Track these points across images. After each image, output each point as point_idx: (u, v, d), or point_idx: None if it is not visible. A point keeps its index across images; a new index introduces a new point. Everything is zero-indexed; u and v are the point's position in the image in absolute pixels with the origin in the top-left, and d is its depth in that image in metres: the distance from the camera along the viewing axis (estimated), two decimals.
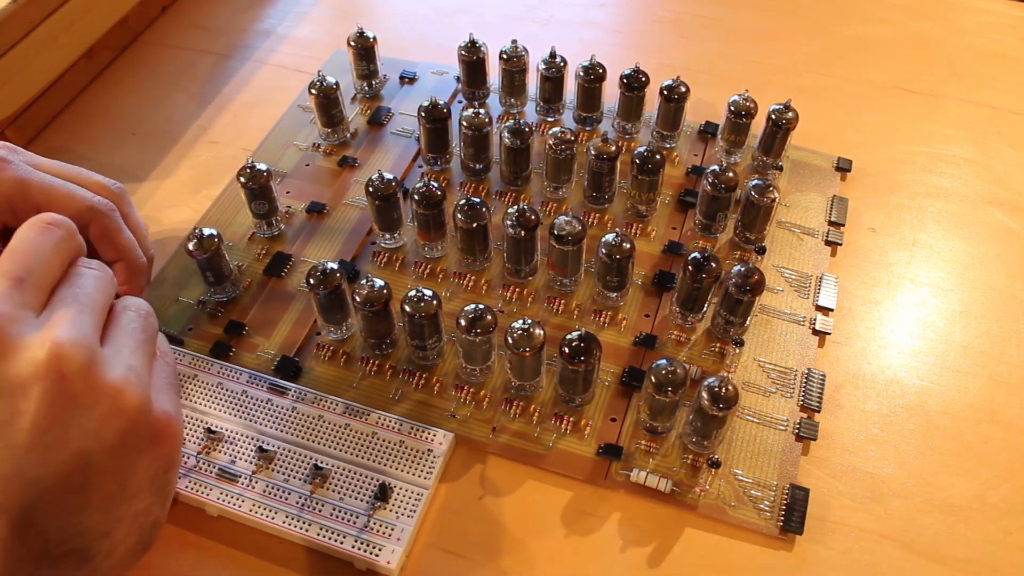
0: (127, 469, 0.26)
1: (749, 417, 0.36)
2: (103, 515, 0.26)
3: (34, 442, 0.24)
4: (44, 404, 0.24)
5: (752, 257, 0.41)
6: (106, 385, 0.25)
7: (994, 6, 0.57)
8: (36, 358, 0.24)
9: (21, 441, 0.24)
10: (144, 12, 0.56)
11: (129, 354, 0.27)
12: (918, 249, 0.43)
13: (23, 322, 0.25)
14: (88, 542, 0.25)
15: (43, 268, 0.27)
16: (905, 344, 0.39)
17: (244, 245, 0.43)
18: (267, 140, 0.48)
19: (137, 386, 0.26)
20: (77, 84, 0.52)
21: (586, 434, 0.35)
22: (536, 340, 0.34)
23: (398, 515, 0.33)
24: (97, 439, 0.25)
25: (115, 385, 0.25)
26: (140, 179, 0.47)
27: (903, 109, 0.50)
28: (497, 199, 0.44)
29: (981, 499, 0.34)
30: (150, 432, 0.26)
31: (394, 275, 0.41)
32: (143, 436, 0.26)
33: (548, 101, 0.48)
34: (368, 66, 0.49)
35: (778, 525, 0.33)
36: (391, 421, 0.35)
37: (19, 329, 0.24)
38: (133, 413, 0.26)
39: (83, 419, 0.24)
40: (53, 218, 0.28)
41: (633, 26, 0.57)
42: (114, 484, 0.26)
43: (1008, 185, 0.46)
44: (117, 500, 0.26)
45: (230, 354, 0.38)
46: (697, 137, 0.47)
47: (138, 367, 0.27)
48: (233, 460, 0.34)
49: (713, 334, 0.38)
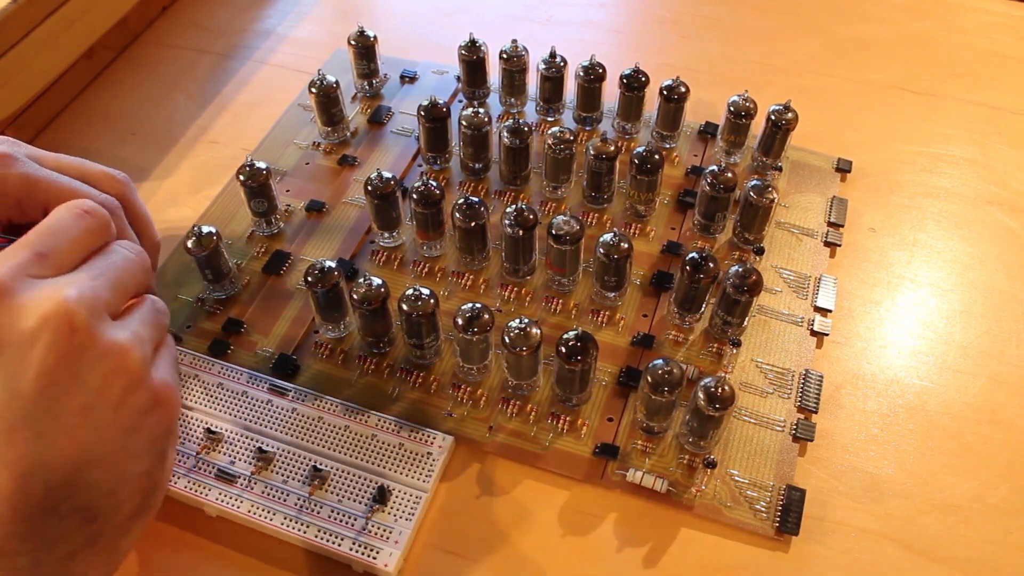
0: (129, 428, 0.26)
1: (746, 418, 0.36)
2: (107, 473, 0.26)
3: (40, 392, 0.24)
4: (51, 355, 0.24)
5: (751, 258, 0.41)
6: (112, 343, 0.26)
7: (994, 6, 0.56)
8: (44, 310, 0.24)
9: (27, 390, 0.24)
10: (144, 12, 0.56)
11: (138, 326, 0.28)
12: (918, 249, 0.43)
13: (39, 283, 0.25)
14: (93, 499, 0.26)
15: (68, 249, 0.27)
16: (905, 344, 0.39)
17: (243, 243, 0.43)
18: (267, 139, 0.48)
19: (140, 350, 0.27)
20: (77, 84, 0.52)
21: (583, 434, 0.35)
22: (533, 339, 0.34)
23: (396, 518, 0.33)
24: (101, 395, 0.25)
25: (120, 344, 0.26)
26: (140, 179, 0.47)
27: (903, 109, 0.50)
28: (496, 199, 0.44)
29: (981, 499, 0.34)
30: (150, 395, 0.27)
31: (392, 274, 0.41)
32: (144, 397, 0.27)
33: (548, 101, 0.48)
34: (368, 65, 0.49)
35: (774, 526, 0.33)
36: (390, 423, 0.35)
37: (30, 286, 0.25)
38: (136, 374, 0.26)
39: (88, 374, 0.25)
40: (90, 206, 0.29)
41: (633, 26, 0.57)
42: (118, 442, 0.26)
43: (1008, 185, 0.46)
44: (122, 459, 0.26)
45: (228, 351, 0.38)
46: (697, 137, 0.47)
47: (144, 337, 0.28)
48: (232, 461, 0.34)
49: (711, 334, 0.38)
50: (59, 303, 0.25)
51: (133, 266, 0.29)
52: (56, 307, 0.25)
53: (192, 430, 0.35)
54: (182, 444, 0.35)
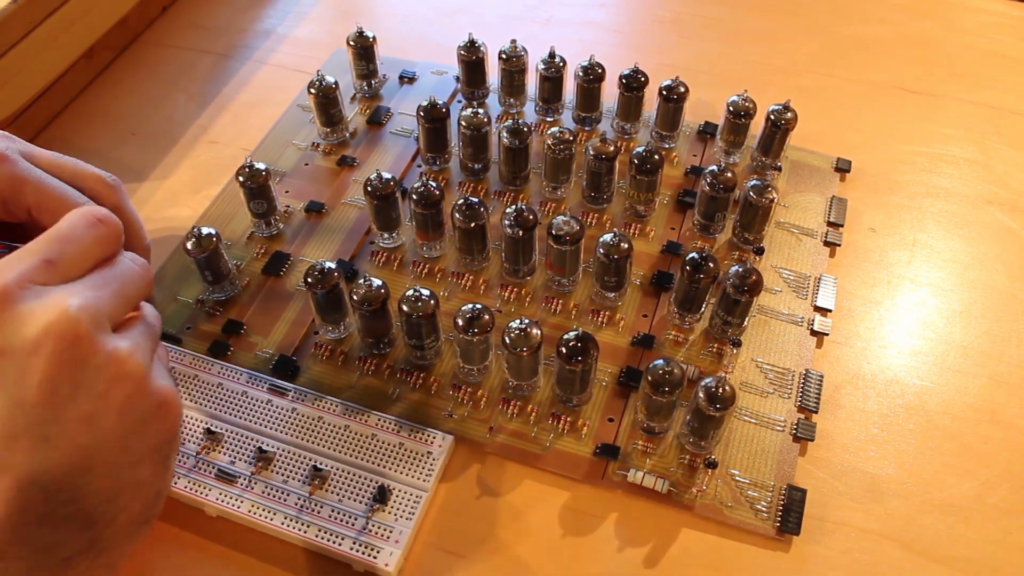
0: (131, 435, 0.26)
1: (746, 418, 0.36)
2: (108, 480, 0.26)
3: (43, 400, 0.24)
4: (54, 363, 0.24)
5: (750, 258, 0.41)
6: (114, 351, 0.26)
7: (994, 6, 0.56)
8: (47, 318, 0.24)
9: (30, 398, 0.24)
10: (144, 12, 0.56)
11: (138, 335, 0.28)
12: (918, 249, 0.43)
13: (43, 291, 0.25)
14: (92, 506, 0.26)
15: (77, 257, 0.27)
16: (905, 344, 0.39)
17: (243, 244, 0.43)
18: (266, 140, 0.48)
19: (142, 358, 0.27)
20: (77, 84, 0.52)
21: (583, 434, 0.35)
22: (533, 340, 0.34)
23: (397, 517, 0.33)
24: (104, 401, 0.25)
25: (123, 352, 0.26)
26: (140, 179, 0.47)
27: (903, 109, 0.50)
28: (496, 199, 0.44)
29: (981, 499, 0.34)
30: (152, 402, 0.27)
31: (392, 275, 0.41)
32: (146, 404, 0.27)
33: (547, 101, 0.48)
34: (368, 66, 0.49)
35: (775, 526, 0.33)
36: (390, 423, 0.35)
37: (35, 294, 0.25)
38: (138, 380, 0.26)
39: (91, 381, 0.25)
40: (104, 214, 0.29)
41: (633, 26, 0.57)
42: (119, 449, 0.26)
43: (1008, 185, 0.46)
44: (122, 466, 0.26)
45: (228, 353, 0.38)
46: (696, 137, 0.47)
47: (144, 346, 0.28)
48: (232, 461, 0.34)
49: (711, 334, 0.38)
50: (62, 312, 0.25)
51: (138, 279, 0.29)
52: (59, 316, 0.25)
53: (192, 430, 0.35)
54: (182, 444, 0.35)
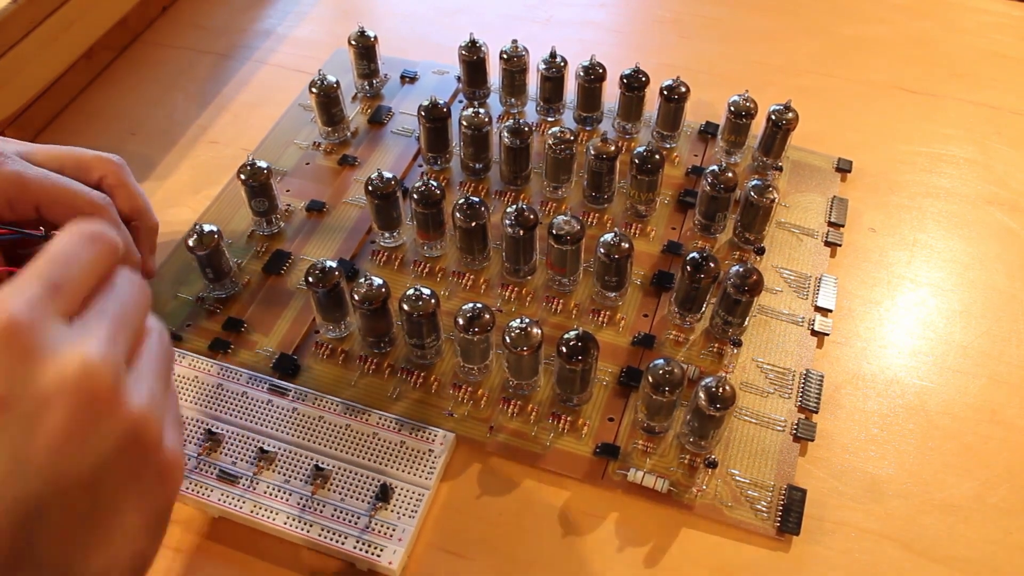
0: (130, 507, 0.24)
1: (747, 417, 0.36)
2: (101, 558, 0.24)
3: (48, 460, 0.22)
4: (67, 421, 0.22)
5: (751, 258, 0.41)
6: (130, 412, 0.24)
7: (994, 6, 0.57)
8: (64, 372, 0.22)
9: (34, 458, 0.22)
10: (144, 12, 0.56)
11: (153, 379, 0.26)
12: (918, 249, 0.43)
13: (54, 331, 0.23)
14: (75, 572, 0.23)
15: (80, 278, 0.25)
16: (905, 344, 0.39)
17: (244, 242, 0.43)
18: (267, 139, 0.48)
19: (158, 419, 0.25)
20: (77, 84, 0.52)
21: (583, 434, 0.35)
22: (533, 339, 0.34)
23: (399, 516, 0.33)
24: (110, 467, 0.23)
25: (139, 413, 0.24)
26: (140, 179, 0.46)
27: (903, 109, 0.50)
28: (496, 199, 0.44)
29: (981, 499, 0.34)
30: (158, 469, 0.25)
31: (393, 274, 0.41)
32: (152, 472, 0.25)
33: (548, 101, 0.48)
34: (369, 65, 0.49)
35: (775, 526, 0.33)
36: (391, 422, 0.35)
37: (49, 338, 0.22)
38: (150, 446, 0.24)
39: (101, 444, 0.23)
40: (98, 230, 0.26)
41: (633, 26, 0.57)
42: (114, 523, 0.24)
43: (1008, 185, 0.46)
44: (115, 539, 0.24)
45: (228, 351, 0.38)
46: (697, 137, 0.47)
47: (158, 395, 0.25)
48: (234, 461, 0.34)
49: (711, 334, 0.38)
50: (82, 363, 0.22)
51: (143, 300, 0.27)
52: (78, 369, 0.22)
53: (193, 432, 0.35)
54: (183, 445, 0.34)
